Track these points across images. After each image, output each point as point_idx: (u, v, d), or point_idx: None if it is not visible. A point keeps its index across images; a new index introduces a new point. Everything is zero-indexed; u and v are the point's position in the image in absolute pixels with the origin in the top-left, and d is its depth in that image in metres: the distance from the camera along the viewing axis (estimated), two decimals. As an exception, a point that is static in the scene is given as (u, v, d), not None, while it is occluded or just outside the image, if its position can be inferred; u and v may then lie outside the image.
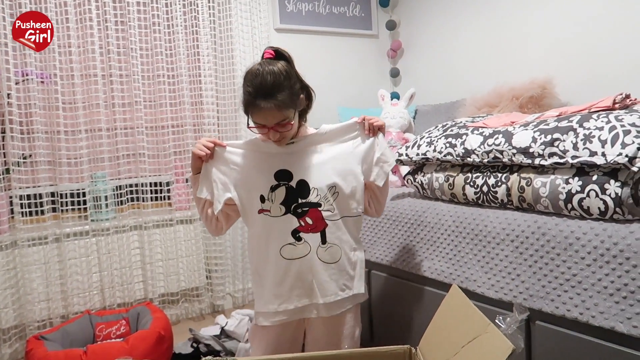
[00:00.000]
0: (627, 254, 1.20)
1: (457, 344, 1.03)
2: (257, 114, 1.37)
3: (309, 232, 1.45)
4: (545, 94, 2.19)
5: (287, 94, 1.36)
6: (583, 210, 1.33)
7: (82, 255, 2.42)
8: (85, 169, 2.41)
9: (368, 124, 1.49)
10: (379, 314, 2.06)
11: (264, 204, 1.45)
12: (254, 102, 1.35)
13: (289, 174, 1.45)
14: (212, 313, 2.82)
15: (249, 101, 1.36)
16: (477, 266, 1.59)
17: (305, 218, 1.45)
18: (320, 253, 1.46)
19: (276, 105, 1.34)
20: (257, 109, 1.36)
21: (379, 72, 3.45)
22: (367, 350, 1.22)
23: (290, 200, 1.45)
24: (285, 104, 1.36)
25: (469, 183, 1.68)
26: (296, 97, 1.41)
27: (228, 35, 2.77)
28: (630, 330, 1.19)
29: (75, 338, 2.11)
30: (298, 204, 1.44)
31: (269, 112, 1.35)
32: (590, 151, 1.30)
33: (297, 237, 1.45)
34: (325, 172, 1.46)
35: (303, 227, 1.45)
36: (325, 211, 1.46)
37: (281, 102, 1.34)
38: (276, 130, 1.39)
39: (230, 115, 2.81)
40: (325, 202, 1.46)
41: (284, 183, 1.45)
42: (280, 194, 1.44)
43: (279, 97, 1.34)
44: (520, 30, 2.59)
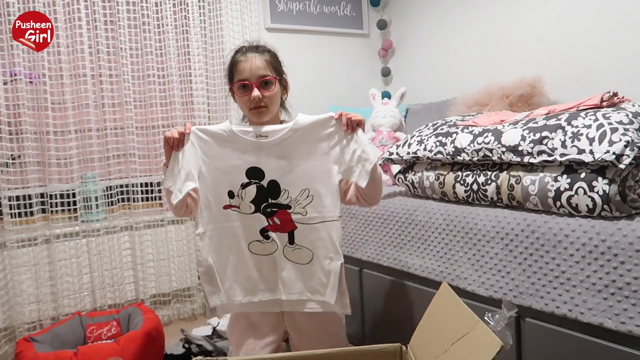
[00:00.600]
0: (614, 250, 1.21)
1: (447, 342, 1.04)
2: (243, 65, 1.41)
3: (276, 231, 1.44)
4: (534, 92, 2.21)
5: (273, 57, 1.45)
6: (571, 207, 1.34)
7: (72, 257, 2.40)
8: (75, 170, 2.39)
9: (346, 119, 1.39)
10: (370, 312, 2.06)
11: (233, 200, 1.43)
12: (243, 55, 1.41)
13: (260, 172, 1.42)
14: (204, 313, 2.81)
15: (236, 57, 1.43)
16: (467, 264, 1.60)
17: (273, 218, 1.43)
18: (287, 252, 1.45)
19: (263, 58, 1.41)
20: (243, 60, 1.41)
21: (370, 71, 3.46)
22: (358, 349, 1.22)
23: (261, 199, 1.43)
24: (271, 63, 1.43)
25: (459, 181, 1.69)
26: (280, 67, 1.47)
27: (219, 35, 2.76)
28: (618, 326, 1.20)
29: (65, 340, 2.10)
30: (268, 203, 1.43)
31: (255, 62, 1.40)
32: (579, 149, 1.31)
33: (266, 236, 1.45)
34: (298, 174, 1.42)
35: (271, 226, 1.44)
36: (295, 214, 1.43)
37: (268, 58, 1.43)
38: (259, 89, 1.40)
39: (221, 115, 2.80)
40: (296, 204, 1.43)
41: (255, 182, 1.42)
42: (250, 192, 1.42)
43: (266, 54, 1.43)
44: (510, 30, 2.60)
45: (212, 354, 2.11)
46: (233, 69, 1.44)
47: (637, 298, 1.17)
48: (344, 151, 1.41)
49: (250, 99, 1.41)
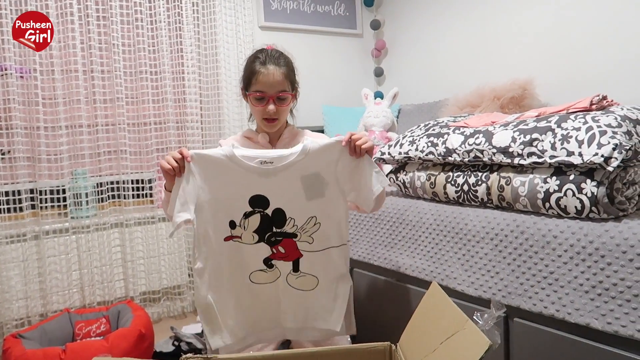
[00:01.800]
0: (602, 252, 1.23)
1: (436, 341, 1.04)
2: (263, 78, 1.41)
3: (280, 259, 1.38)
4: (525, 94, 2.22)
5: (291, 69, 1.46)
6: (560, 209, 1.35)
7: (61, 253, 2.39)
8: (65, 166, 2.38)
9: (354, 145, 1.32)
10: (360, 311, 2.07)
11: (234, 230, 1.35)
12: (263, 66, 1.41)
13: (265, 200, 1.34)
14: (194, 311, 2.80)
15: (255, 69, 1.42)
16: (457, 264, 1.61)
17: (278, 246, 1.37)
18: (290, 279, 1.39)
19: (283, 72, 1.42)
20: (264, 72, 1.41)
21: (363, 71, 3.46)
22: (348, 348, 1.22)
23: (265, 228, 1.35)
24: (289, 76, 1.44)
25: (450, 182, 1.70)
26: (295, 79, 1.47)
27: (212, 32, 2.76)
28: (604, 326, 1.21)
29: (54, 336, 2.08)
30: (272, 232, 1.36)
31: (275, 76, 1.40)
32: (568, 151, 1.32)
33: (269, 265, 1.39)
34: (304, 201, 1.35)
35: (275, 254, 1.38)
36: (301, 242, 1.37)
37: (287, 71, 1.44)
38: (274, 103, 1.42)
39: (214, 112, 2.79)
40: (303, 233, 1.36)
41: (259, 210, 1.34)
42: (254, 221, 1.34)
43: (286, 67, 1.44)
44: (502, 32, 2.62)
45: (202, 351, 2.11)
46: (251, 77, 1.43)
47: (624, 299, 1.18)
48: (351, 178, 1.36)
49: (265, 111, 1.43)
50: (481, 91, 2.32)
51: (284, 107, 1.44)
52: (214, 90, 2.79)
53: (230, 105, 2.80)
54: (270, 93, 1.40)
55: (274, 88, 1.40)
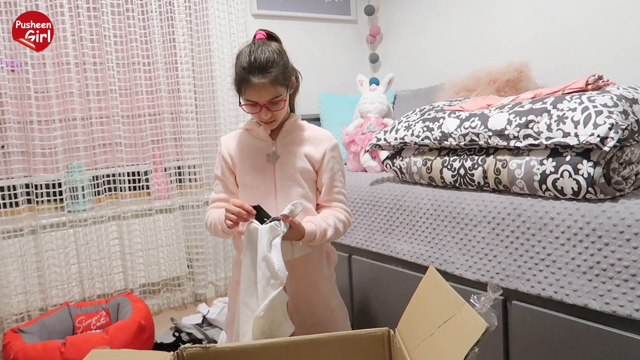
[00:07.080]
0: (599, 232, 1.22)
1: (434, 325, 1.04)
2: (251, 89, 1.36)
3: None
4: (521, 77, 2.21)
5: (281, 71, 1.38)
6: (557, 190, 1.35)
7: (59, 247, 2.38)
8: (60, 159, 2.37)
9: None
10: (359, 297, 2.07)
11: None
12: (248, 78, 1.35)
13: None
14: (194, 302, 2.81)
15: (243, 77, 1.36)
16: (454, 248, 1.61)
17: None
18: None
19: (270, 81, 1.35)
20: (250, 85, 1.36)
21: (358, 57, 3.44)
22: (346, 334, 1.22)
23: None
24: (278, 80, 1.37)
25: (446, 166, 1.69)
26: (288, 76, 1.42)
27: (204, 22, 2.73)
28: (602, 307, 1.21)
29: (54, 330, 2.09)
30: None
31: (262, 87, 1.35)
32: (564, 132, 1.31)
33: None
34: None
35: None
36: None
37: (275, 78, 1.36)
38: (268, 109, 1.39)
39: (209, 102, 2.78)
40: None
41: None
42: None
43: (273, 73, 1.36)
44: (497, 15, 2.60)
45: (202, 342, 2.11)
46: (240, 85, 1.39)
47: (621, 279, 1.18)
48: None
49: (259, 117, 1.42)
50: (477, 75, 2.31)
51: (279, 109, 1.42)
52: (207, 80, 2.76)
53: (224, 95, 2.78)
54: (261, 102, 1.38)
55: (264, 98, 1.37)
